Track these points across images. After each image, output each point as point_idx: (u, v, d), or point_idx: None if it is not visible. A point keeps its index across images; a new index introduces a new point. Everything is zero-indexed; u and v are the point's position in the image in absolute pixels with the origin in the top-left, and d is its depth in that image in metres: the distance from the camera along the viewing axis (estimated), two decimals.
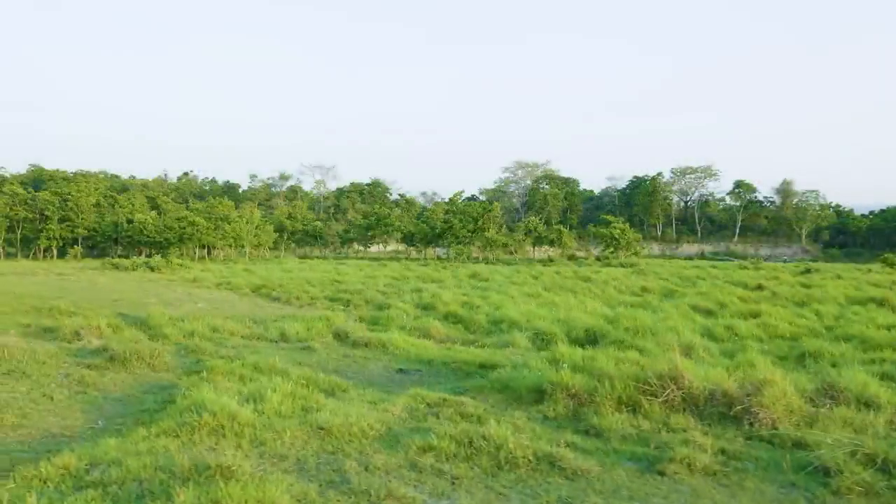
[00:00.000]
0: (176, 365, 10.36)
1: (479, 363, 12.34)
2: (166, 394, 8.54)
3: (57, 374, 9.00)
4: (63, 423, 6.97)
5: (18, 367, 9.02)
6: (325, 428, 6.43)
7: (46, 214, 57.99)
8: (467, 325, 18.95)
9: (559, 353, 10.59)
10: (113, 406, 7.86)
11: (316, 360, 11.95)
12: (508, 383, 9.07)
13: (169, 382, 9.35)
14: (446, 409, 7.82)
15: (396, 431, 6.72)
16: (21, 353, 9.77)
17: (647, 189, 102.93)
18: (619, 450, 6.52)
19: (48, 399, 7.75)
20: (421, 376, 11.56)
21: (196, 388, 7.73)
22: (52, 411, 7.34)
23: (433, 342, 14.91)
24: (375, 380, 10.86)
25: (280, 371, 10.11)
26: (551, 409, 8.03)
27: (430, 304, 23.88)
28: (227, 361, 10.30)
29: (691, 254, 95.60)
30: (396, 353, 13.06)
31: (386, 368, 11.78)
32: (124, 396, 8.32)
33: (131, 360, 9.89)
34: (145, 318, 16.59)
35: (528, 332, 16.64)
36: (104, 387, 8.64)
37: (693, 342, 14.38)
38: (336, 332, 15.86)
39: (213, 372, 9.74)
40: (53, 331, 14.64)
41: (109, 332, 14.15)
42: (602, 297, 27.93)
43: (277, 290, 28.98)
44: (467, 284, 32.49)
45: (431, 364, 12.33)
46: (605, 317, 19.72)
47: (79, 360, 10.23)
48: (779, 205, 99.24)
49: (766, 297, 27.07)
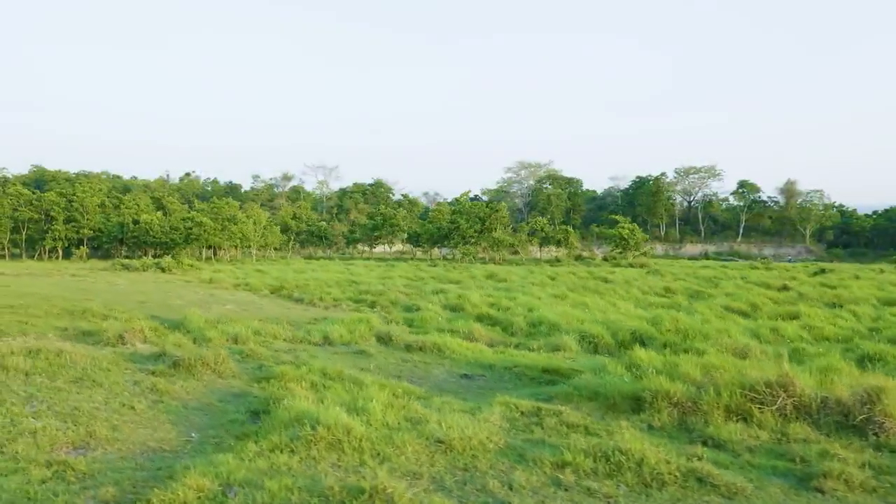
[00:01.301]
0: (240, 371, 9.95)
1: (541, 368, 11.99)
2: (246, 402, 8.16)
3: (125, 382, 8.59)
4: (155, 436, 6.57)
5: (86, 374, 8.60)
6: (445, 441, 6.05)
7: (52, 215, 57.40)
8: (505, 328, 18.56)
9: (636, 358, 10.24)
10: (197, 416, 7.46)
11: (375, 365, 11.57)
12: (598, 390, 8.70)
13: (240, 390, 8.95)
14: (548, 419, 7.46)
15: (514, 444, 6.34)
16: (82, 358, 9.35)
17: (651, 189, 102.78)
18: (754, 463, 6.16)
19: (130, 409, 7.34)
20: (486, 381, 11.20)
21: (291, 398, 7.36)
22: (138, 422, 6.94)
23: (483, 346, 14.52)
24: (443, 385, 10.48)
25: (350, 378, 9.74)
26: (655, 419, 7.67)
27: (458, 306, 23.52)
28: (293, 367, 9.90)
29: (695, 254, 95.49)
30: (453, 357, 12.68)
31: (449, 373, 11.40)
32: (203, 406, 7.92)
33: (196, 366, 9.48)
34: (182, 321, 16.17)
35: (571, 334, 16.27)
36: (179, 395, 8.23)
37: (748, 345, 14.06)
38: (378, 335, 15.49)
39: (283, 379, 9.38)
40: (92, 334, 14.22)
41: (153, 335, 13.75)
42: (628, 297, 27.60)
43: (297, 291, 28.58)
44: (488, 285, 32.10)
45: (492, 369, 11.96)
46: (645, 319, 19.41)
47: (139, 366, 9.81)
48: (782, 205, 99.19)
49: (794, 298, 26.81)
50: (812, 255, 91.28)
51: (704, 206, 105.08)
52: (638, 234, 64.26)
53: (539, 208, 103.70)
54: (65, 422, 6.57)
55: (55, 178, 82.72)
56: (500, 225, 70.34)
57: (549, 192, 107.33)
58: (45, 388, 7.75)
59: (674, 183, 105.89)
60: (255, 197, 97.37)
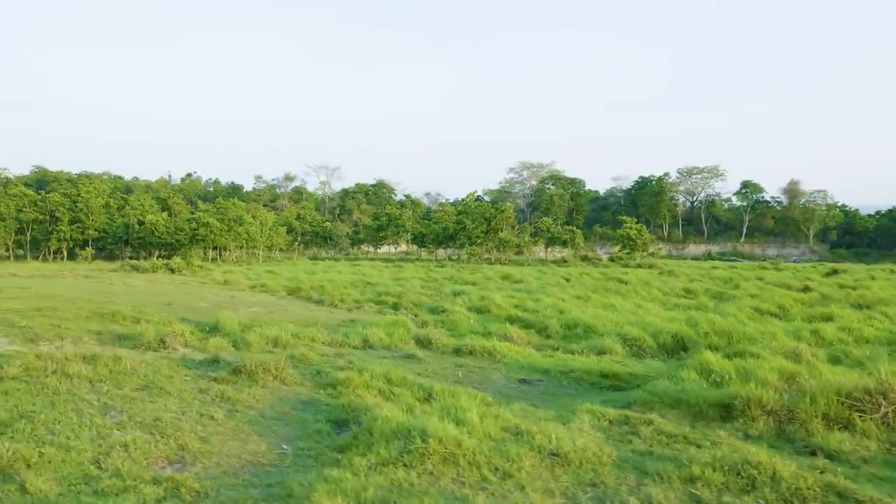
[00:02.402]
0: (302, 377, 9.65)
1: (598, 372, 11.73)
2: (322, 411, 7.87)
3: (191, 389, 8.29)
4: (247, 449, 6.27)
5: (151, 382, 8.30)
6: (559, 454, 5.77)
7: (57, 216, 56.90)
8: (539, 330, 18.29)
9: (707, 363, 9.97)
10: (279, 426, 7.17)
11: (432, 370, 11.28)
12: (679, 397, 8.43)
13: (308, 397, 8.66)
14: (641, 428, 7.19)
15: (626, 456, 6.07)
16: (141, 364, 9.05)
17: (654, 189, 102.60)
18: (881, 476, 5.90)
19: (210, 419, 7.04)
20: (545, 386, 10.93)
21: (380, 407, 7.08)
22: (224, 434, 6.64)
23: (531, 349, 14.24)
24: (505, 391, 10.19)
25: (415, 384, 9.46)
26: (751, 427, 7.40)
27: (483, 307, 23.27)
28: (356, 374, 9.61)
29: (698, 254, 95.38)
30: (505, 361, 12.40)
31: (507, 378, 11.12)
32: (280, 415, 7.62)
33: (258, 373, 9.18)
34: (216, 324, 15.86)
35: (611, 337, 16.00)
36: (250, 403, 7.93)
37: (798, 348, 13.80)
38: (417, 338, 15.22)
39: (349, 385, 9.09)
40: (129, 338, 13.92)
41: (194, 339, 13.45)
42: (650, 299, 27.36)
43: (315, 292, 28.27)
44: (506, 287, 31.81)
45: (548, 373, 11.69)
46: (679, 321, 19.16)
47: (196, 372, 9.51)
48: (786, 205, 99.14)
49: (818, 300, 26.61)
50: (815, 256, 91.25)
51: (707, 207, 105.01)
52: (645, 235, 64.04)
53: (542, 209, 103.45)
54: (151, 434, 6.27)
55: (57, 178, 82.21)
56: (505, 225, 70.07)
57: (551, 192, 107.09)
58: (117, 397, 7.46)
59: (676, 183, 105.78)
60: (258, 197, 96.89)
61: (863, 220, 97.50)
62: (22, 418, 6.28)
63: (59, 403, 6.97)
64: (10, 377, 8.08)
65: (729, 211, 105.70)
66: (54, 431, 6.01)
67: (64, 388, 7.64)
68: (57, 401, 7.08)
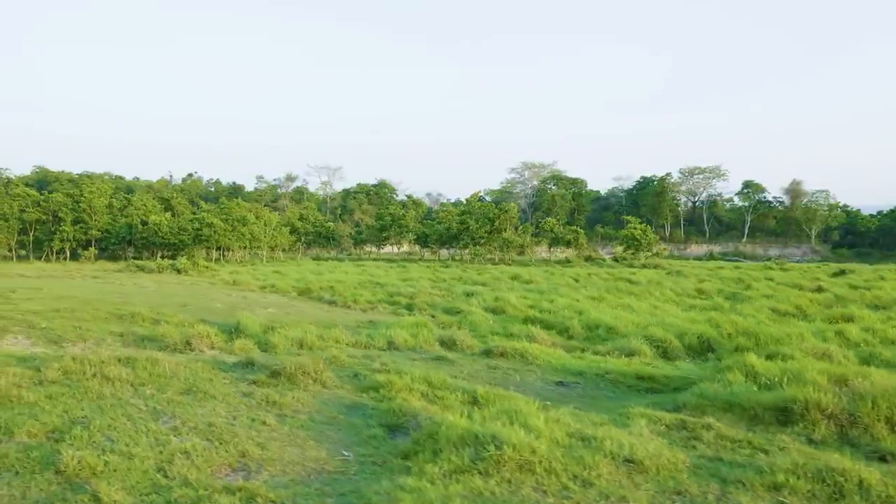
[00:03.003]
0: (340, 380, 9.48)
1: (634, 375, 11.58)
2: (372, 415, 7.70)
3: (234, 393, 8.11)
4: (306, 455, 6.10)
5: (193, 386, 8.12)
6: (634, 461, 5.61)
7: (60, 216, 56.64)
8: (560, 331, 18.14)
9: (748, 364, 9.82)
10: (331, 431, 7.00)
11: (467, 372, 11.12)
12: (731, 400, 8.28)
13: (351, 401, 8.48)
14: (703, 433, 7.02)
15: (699, 463, 5.92)
16: (179, 368, 8.87)
17: (655, 189, 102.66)
18: None
19: (262, 424, 6.86)
20: (583, 389, 10.77)
21: (437, 412, 6.92)
22: (280, 439, 6.47)
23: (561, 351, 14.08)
24: (543, 394, 10.02)
25: (455, 386, 9.31)
26: (813, 431, 7.25)
27: (498, 308, 23.11)
28: (396, 376, 9.44)
29: (700, 254, 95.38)
30: (538, 363, 12.24)
31: (544, 381, 10.96)
32: (329, 419, 7.45)
33: (297, 376, 9.00)
34: (237, 325, 15.66)
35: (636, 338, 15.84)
36: (297, 407, 7.76)
37: (829, 349, 13.67)
38: (441, 339, 15.06)
39: (391, 388, 8.92)
40: (152, 339, 13.76)
41: (219, 341, 13.28)
42: (663, 299, 27.23)
43: (326, 293, 28.09)
44: (517, 287, 31.65)
45: (583, 376, 11.53)
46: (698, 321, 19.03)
47: (233, 375, 9.33)
48: (788, 205, 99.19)
49: (833, 300, 26.50)
50: (817, 256, 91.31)
51: (709, 207, 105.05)
52: (650, 235, 63.96)
53: (543, 209, 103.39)
54: (209, 440, 6.09)
55: (58, 178, 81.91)
56: (509, 226, 69.97)
57: (553, 192, 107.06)
58: (163, 401, 7.28)
59: (678, 183, 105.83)
60: (259, 197, 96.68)
61: (864, 220, 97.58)
62: (76, 424, 6.10)
63: (107, 408, 6.79)
64: (50, 380, 7.90)
65: (731, 211, 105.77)
66: (111, 438, 5.83)
67: (108, 392, 7.46)
68: (104, 405, 6.90)
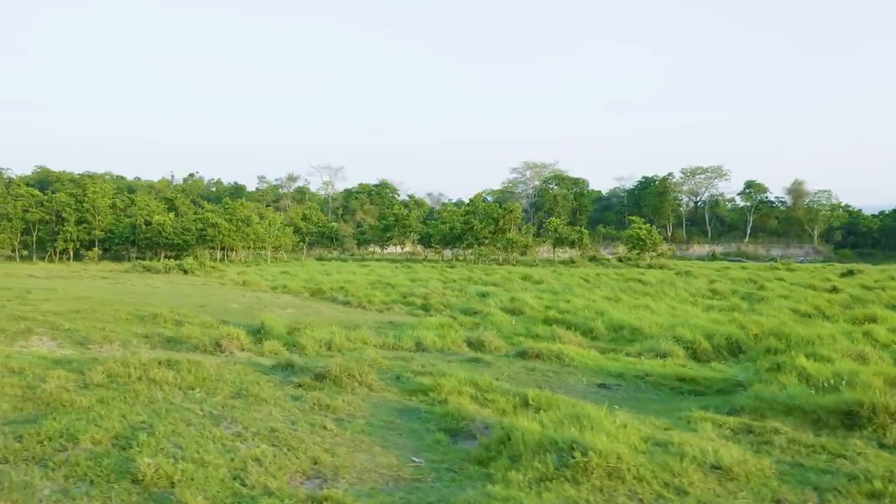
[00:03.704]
0: (384, 383, 9.29)
1: (674, 377, 11.41)
2: (430, 419, 7.53)
3: (284, 396, 7.92)
4: (376, 461, 5.91)
5: (242, 389, 7.92)
6: (722, 467, 5.44)
7: (63, 216, 56.31)
8: (584, 332, 17.95)
9: (800, 367, 9.66)
10: (393, 436, 6.81)
11: (507, 375, 10.93)
12: (792, 403, 8.11)
13: (401, 404, 8.30)
14: (774, 438, 6.85)
15: (783, 470, 5.74)
16: (224, 371, 8.68)
17: (657, 189, 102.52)
18: None
19: (323, 429, 6.67)
20: (625, 391, 10.60)
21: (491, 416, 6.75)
22: (345, 444, 6.28)
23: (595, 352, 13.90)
24: (587, 396, 9.84)
25: (503, 389, 9.13)
26: (884, 436, 7.07)
27: (515, 309, 22.89)
28: (441, 379, 9.25)
29: (702, 255, 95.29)
30: (574, 364, 12.06)
31: (585, 383, 10.78)
32: (387, 424, 7.27)
33: (342, 378, 8.81)
34: (260, 326, 15.45)
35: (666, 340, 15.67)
36: (350, 411, 7.57)
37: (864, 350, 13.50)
38: (468, 340, 14.89)
39: (440, 391, 8.75)
40: (178, 341, 13.57)
41: (248, 342, 13.09)
42: (679, 299, 27.06)
43: (339, 293, 27.87)
44: (530, 287, 31.47)
45: (623, 377, 11.36)
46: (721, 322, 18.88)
47: (277, 377, 9.14)
48: (790, 205, 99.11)
49: (849, 300, 26.38)
50: (820, 256, 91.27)
51: (711, 207, 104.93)
52: (655, 235, 63.82)
53: (545, 209, 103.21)
54: (275, 446, 5.90)
55: (60, 178, 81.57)
56: (513, 226, 69.79)
57: (555, 192, 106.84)
58: (217, 406, 7.08)
59: (680, 183, 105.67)
60: (261, 197, 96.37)
61: (866, 220, 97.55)
62: (138, 430, 5.90)
63: (163, 413, 6.59)
64: (96, 384, 7.71)
65: (733, 211, 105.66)
66: (179, 445, 5.63)
67: (158, 396, 7.26)
68: (159, 410, 6.70)
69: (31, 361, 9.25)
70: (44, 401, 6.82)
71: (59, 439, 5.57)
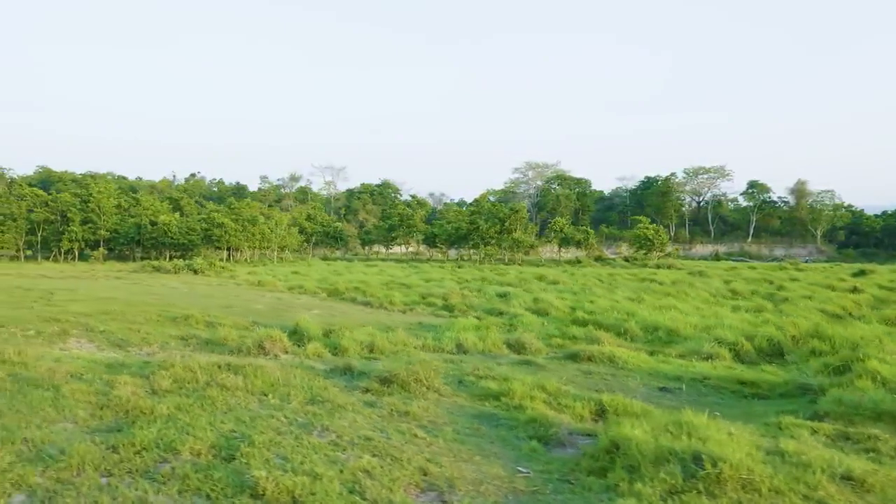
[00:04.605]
0: (451, 387, 9.03)
1: (735, 380, 11.18)
2: (508, 426, 7.28)
3: (358, 402, 7.65)
4: (483, 471, 5.65)
5: (317, 395, 7.65)
6: (853, 478, 5.20)
7: (68, 216, 55.91)
8: (618, 333, 17.71)
9: (874, 370, 9.43)
10: (486, 445, 6.55)
11: (565, 378, 10.67)
12: (880, 408, 7.87)
13: (476, 410, 8.04)
14: (879, 445, 6.62)
15: None
16: (288, 376, 8.41)
17: (660, 189, 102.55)
18: None
19: (415, 437, 6.41)
20: (688, 395, 10.35)
21: (570, 421, 6.51)
22: (444, 454, 6.01)
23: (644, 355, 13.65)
24: (652, 400, 9.59)
25: (575, 394, 8.88)
26: None
27: (541, 310, 22.65)
28: (517, 383, 9.00)
29: (705, 255, 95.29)
30: (628, 367, 11.82)
31: (646, 386, 10.54)
32: (473, 431, 7.01)
33: (409, 383, 8.56)
34: (295, 328, 15.17)
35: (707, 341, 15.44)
36: (432, 418, 7.31)
37: None
38: (508, 342, 14.65)
39: (513, 396, 8.50)
40: (217, 343, 13.30)
41: (292, 346, 12.81)
42: (700, 299, 26.84)
43: (358, 294, 27.61)
44: (549, 288, 31.22)
45: (681, 381, 11.11)
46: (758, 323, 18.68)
47: (339, 381, 8.87)
48: (793, 205, 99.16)
49: (872, 300, 26.21)
50: (823, 256, 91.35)
51: (714, 207, 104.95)
52: (663, 235, 63.68)
53: (548, 209, 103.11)
54: (377, 455, 5.64)
55: (62, 178, 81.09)
56: (519, 226, 69.61)
57: (557, 192, 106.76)
58: (299, 413, 6.83)
59: (683, 183, 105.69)
60: (263, 197, 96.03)
61: (869, 220, 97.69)
62: (234, 440, 5.64)
63: (248, 421, 6.33)
64: (164, 390, 7.45)
65: (735, 211, 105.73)
66: (282, 455, 5.37)
67: (234, 403, 7.00)
68: (243, 417, 6.44)
69: (84, 366, 8.97)
70: (121, 408, 6.55)
71: (155, 450, 5.31)
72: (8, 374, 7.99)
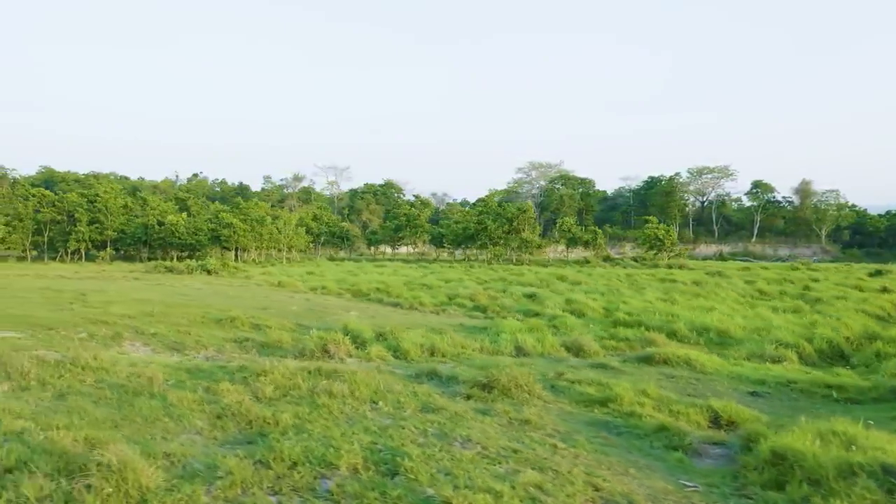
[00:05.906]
0: (550, 394, 8.70)
1: (822, 384, 10.87)
2: (635, 434, 6.96)
3: (472, 410, 7.30)
4: (647, 485, 5.31)
5: (426, 402, 7.31)
6: None
7: (76, 216, 55.34)
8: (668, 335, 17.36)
9: None
10: (627, 455, 6.22)
11: (652, 382, 10.34)
12: None
13: (586, 417, 7.73)
14: None
15: None
16: (389, 383, 8.05)
17: (664, 189, 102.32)
18: None
19: (555, 448, 6.06)
20: (779, 400, 10.05)
21: (687, 428, 6.18)
22: (595, 467, 5.67)
23: (716, 357, 13.34)
24: (751, 407, 9.27)
25: (674, 400, 8.56)
26: None
27: (576, 311, 22.34)
28: (619, 388, 8.68)
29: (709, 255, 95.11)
30: (705, 371, 11.50)
31: (735, 391, 10.22)
32: (604, 440, 6.68)
33: (510, 388, 8.22)
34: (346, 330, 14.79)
35: (768, 343, 15.16)
36: (552, 426, 6.97)
37: None
38: (565, 344, 14.34)
39: (619, 402, 8.19)
40: (273, 346, 12.97)
41: (354, 348, 12.46)
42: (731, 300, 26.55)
43: (382, 294, 27.25)
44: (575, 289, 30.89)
45: (766, 384, 10.81)
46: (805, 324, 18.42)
47: (428, 386, 8.52)
48: (797, 205, 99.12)
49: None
50: (828, 256, 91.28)
51: (718, 207, 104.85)
52: (673, 235, 63.46)
53: (551, 209, 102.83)
54: (536, 469, 5.29)
55: (64, 179, 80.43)
56: (528, 226, 69.28)
57: (561, 192, 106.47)
58: (425, 423, 6.47)
59: (686, 183, 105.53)
60: (266, 197, 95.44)
61: (873, 220, 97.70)
62: (385, 453, 5.28)
63: (379, 431, 5.97)
64: (269, 398, 7.09)
65: (739, 211, 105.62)
66: (444, 471, 5.01)
67: (350, 411, 6.66)
68: (371, 428, 6.08)
69: (164, 371, 8.59)
70: (241, 418, 6.19)
71: (307, 464, 4.95)
72: (95, 381, 7.63)
